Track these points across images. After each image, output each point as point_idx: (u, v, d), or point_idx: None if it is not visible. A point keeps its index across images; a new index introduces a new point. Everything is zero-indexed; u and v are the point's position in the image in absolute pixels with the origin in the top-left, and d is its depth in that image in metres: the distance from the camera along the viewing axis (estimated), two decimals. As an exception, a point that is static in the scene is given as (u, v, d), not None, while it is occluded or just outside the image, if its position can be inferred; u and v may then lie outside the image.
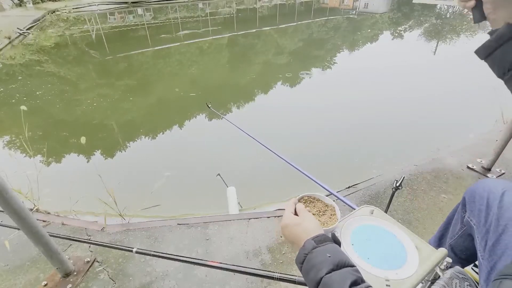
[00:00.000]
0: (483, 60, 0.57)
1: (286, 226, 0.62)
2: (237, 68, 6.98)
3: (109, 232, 1.69)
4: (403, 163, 2.32)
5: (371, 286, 0.47)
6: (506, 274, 0.54)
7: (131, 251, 1.14)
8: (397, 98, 4.61)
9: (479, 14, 0.55)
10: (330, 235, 0.59)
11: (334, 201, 0.87)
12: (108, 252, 1.54)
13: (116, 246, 1.34)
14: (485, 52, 0.56)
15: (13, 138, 3.63)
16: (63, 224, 1.75)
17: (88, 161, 3.16)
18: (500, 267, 0.69)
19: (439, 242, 1.11)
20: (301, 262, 0.54)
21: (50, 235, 1.26)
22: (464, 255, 0.97)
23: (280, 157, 1.61)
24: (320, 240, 0.54)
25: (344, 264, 0.50)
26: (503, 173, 2.01)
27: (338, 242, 0.58)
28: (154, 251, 1.11)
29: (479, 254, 0.81)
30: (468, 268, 1.01)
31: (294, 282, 0.87)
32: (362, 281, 0.48)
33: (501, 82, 0.58)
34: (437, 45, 8.18)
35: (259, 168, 2.89)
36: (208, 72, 6.44)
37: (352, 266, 0.51)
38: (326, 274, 0.48)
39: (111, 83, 5.65)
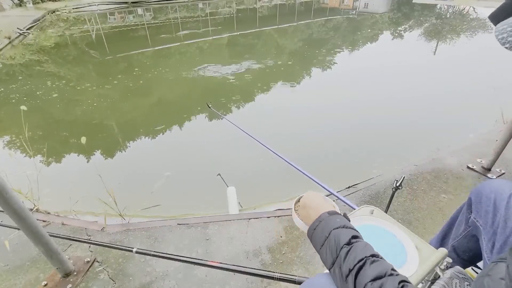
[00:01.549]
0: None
1: (313, 195, 0.71)
2: (237, 68, 6.97)
3: (109, 232, 1.69)
4: (403, 163, 2.33)
5: (367, 243, 0.56)
6: (503, 258, 0.55)
7: (131, 251, 1.14)
8: (397, 98, 4.61)
9: None
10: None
11: (334, 201, 0.88)
12: (108, 252, 1.54)
13: (116, 246, 1.34)
14: (499, 16, 0.52)
15: (13, 138, 3.63)
16: (63, 224, 1.75)
17: (88, 161, 3.16)
18: None
19: (441, 242, 1.10)
20: (314, 228, 0.63)
21: (50, 235, 1.26)
22: (467, 256, 0.97)
23: (280, 157, 1.61)
24: (332, 212, 0.64)
25: (349, 227, 0.60)
26: (503, 173, 2.01)
27: (347, 218, 0.66)
28: (154, 251, 1.11)
29: (485, 255, 0.81)
30: (469, 269, 1.01)
31: (294, 282, 0.87)
32: (362, 238, 0.58)
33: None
34: (437, 45, 8.18)
35: (259, 168, 2.89)
36: (208, 72, 6.44)
37: (357, 231, 0.60)
38: (334, 229, 0.59)
39: (111, 83, 5.65)
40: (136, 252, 1.14)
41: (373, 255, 0.52)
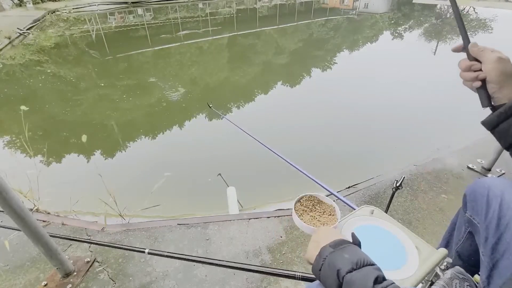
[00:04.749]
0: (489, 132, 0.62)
1: (321, 231, 0.63)
2: (237, 68, 6.98)
3: (109, 232, 1.68)
4: (403, 163, 2.32)
5: (394, 283, 0.47)
6: None
7: (143, 251, 1.11)
8: (397, 98, 4.61)
9: (485, 96, 0.60)
10: (350, 238, 0.59)
11: (334, 201, 0.87)
12: (108, 252, 1.54)
13: (122, 246, 1.33)
14: (490, 125, 0.61)
15: (13, 138, 3.63)
16: (63, 224, 1.75)
17: (88, 161, 3.16)
18: (503, 265, 0.69)
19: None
20: (319, 269, 0.53)
21: (50, 235, 1.26)
22: (473, 260, 0.94)
23: (281, 157, 1.61)
24: (336, 243, 0.54)
25: (363, 263, 0.50)
26: (503, 173, 2.01)
27: (357, 242, 0.57)
28: (167, 252, 1.08)
29: (480, 251, 0.81)
30: (476, 275, 0.99)
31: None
32: (384, 278, 0.48)
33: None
34: (437, 45, 8.18)
35: (259, 168, 2.89)
36: (208, 72, 6.44)
37: (372, 264, 0.50)
38: (347, 273, 0.48)
39: (111, 83, 5.65)
40: (149, 253, 1.11)
41: None
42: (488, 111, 0.62)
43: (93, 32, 10.50)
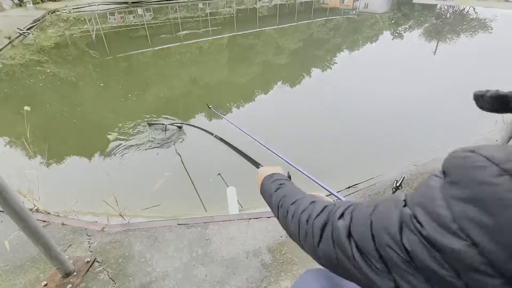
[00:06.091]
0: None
1: (262, 170, 0.83)
2: (237, 68, 6.99)
3: (109, 232, 1.68)
4: (403, 163, 2.33)
5: (288, 180, 0.69)
6: None
7: None
8: (397, 98, 4.60)
9: None
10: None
11: (334, 201, 0.87)
12: (108, 252, 1.54)
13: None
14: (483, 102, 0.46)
15: (13, 139, 3.63)
16: (63, 224, 1.75)
17: (88, 161, 3.16)
18: None
19: None
20: (262, 193, 0.75)
21: (50, 235, 1.26)
22: None
23: (280, 157, 1.61)
24: (270, 175, 0.74)
25: (277, 178, 0.69)
26: (503, 173, 2.01)
27: (288, 176, 0.77)
28: None
29: None
30: None
31: None
32: (287, 180, 0.68)
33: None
34: (437, 45, 8.18)
35: (259, 168, 2.88)
36: (208, 72, 6.44)
37: (286, 178, 0.71)
38: (272, 190, 0.67)
39: (111, 83, 5.65)
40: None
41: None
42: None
43: (93, 32, 10.49)
